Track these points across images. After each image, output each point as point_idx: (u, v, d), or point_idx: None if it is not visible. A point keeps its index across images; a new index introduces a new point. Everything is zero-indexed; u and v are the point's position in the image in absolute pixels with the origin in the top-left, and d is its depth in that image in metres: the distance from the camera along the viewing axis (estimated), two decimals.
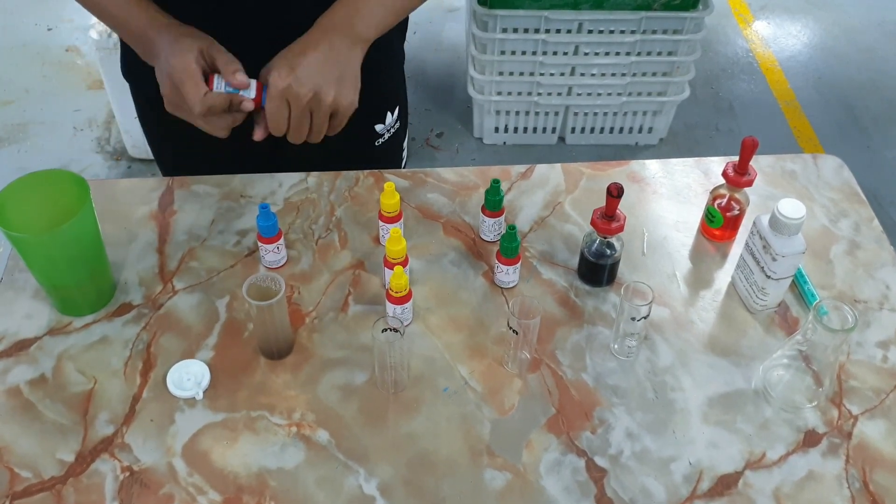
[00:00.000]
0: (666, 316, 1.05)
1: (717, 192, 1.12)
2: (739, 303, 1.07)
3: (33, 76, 2.81)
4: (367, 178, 1.22)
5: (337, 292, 1.07)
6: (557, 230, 1.16)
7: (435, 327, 1.03)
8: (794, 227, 0.98)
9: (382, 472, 0.90)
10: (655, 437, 0.93)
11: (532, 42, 2.34)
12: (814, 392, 0.97)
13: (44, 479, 0.89)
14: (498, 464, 0.91)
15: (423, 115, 2.77)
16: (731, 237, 1.15)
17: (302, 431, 0.93)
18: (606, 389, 0.98)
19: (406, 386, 0.97)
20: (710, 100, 2.87)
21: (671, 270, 1.11)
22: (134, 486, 0.89)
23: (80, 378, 0.98)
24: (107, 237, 1.04)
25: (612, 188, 0.99)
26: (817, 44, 3.14)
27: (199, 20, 1.02)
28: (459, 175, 1.24)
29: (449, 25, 3.15)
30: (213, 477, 0.89)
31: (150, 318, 1.04)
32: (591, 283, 1.08)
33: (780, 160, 1.27)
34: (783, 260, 0.99)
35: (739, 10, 3.29)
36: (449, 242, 1.14)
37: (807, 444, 0.94)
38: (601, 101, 2.48)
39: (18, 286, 1.07)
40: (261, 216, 1.03)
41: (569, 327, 1.04)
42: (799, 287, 1.08)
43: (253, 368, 0.99)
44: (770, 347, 1.02)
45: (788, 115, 2.82)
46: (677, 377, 0.99)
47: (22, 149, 2.60)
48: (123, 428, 0.93)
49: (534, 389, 0.98)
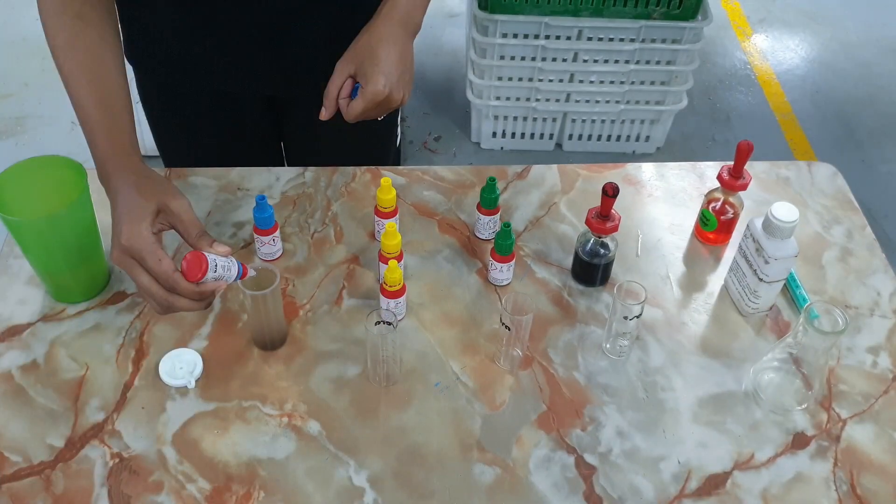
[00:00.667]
0: (658, 317, 1.06)
1: (711, 196, 1.13)
2: (732, 305, 1.08)
3: (32, 70, 2.81)
4: (364, 174, 1.22)
5: (331, 286, 1.07)
6: (552, 230, 1.16)
7: (428, 323, 1.04)
8: (787, 230, 0.98)
9: (372, 465, 0.90)
10: (645, 436, 0.94)
11: (531, 48, 2.35)
12: (803, 395, 0.97)
13: (33, 463, 0.89)
14: (488, 459, 0.91)
15: (421, 119, 2.77)
16: (725, 241, 1.15)
17: (293, 422, 0.93)
18: (598, 388, 0.98)
19: (398, 380, 0.98)
20: (707, 110, 2.88)
21: (665, 272, 1.12)
22: (123, 473, 0.88)
23: (72, 364, 0.98)
24: (103, 225, 1.04)
25: (607, 187, 0.99)
26: (815, 58, 3.16)
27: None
28: (456, 173, 1.24)
29: (449, 30, 3.16)
30: (203, 465, 0.89)
31: (144, 306, 1.04)
32: (584, 282, 1.09)
33: (775, 166, 1.28)
34: (776, 263, 0.99)
35: (738, 23, 3.31)
36: (444, 239, 1.14)
37: (795, 446, 0.94)
38: (599, 108, 2.49)
39: (13, 272, 1.07)
40: (257, 208, 1.04)
41: (561, 326, 1.04)
42: (791, 291, 1.09)
43: (246, 359, 0.99)
44: (761, 350, 1.02)
45: (785, 128, 2.83)
46: (668, 377, 0.99)
47: (20, 142, 2.60)
48: (114, 415, 0.93)
49: (525, 386, 0.98)
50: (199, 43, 1.14)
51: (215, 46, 1.14)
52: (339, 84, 1.02)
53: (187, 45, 1.14)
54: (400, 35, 1.02)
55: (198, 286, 0.87)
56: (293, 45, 1.14)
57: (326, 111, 1.03)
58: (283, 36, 1.12)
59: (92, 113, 0.94)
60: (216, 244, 0.89)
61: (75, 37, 0.95)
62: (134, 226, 0.86)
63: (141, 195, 0.89)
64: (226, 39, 1.13)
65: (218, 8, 1.08)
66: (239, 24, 1.11)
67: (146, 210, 0.88)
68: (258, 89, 1.23)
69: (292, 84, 1.20)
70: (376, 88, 0.99)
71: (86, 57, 0.96)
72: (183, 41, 1.14)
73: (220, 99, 1.23)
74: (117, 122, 0.95)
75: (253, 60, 1.16)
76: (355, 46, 1.02)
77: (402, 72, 1.02)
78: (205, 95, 1.22)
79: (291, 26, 1.11)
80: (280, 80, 1.20)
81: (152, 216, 0.88)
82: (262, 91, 1.23)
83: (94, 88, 0.95)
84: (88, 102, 0.94)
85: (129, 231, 0.86)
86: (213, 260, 0.87)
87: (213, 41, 1.13)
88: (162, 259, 0.85)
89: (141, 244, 0.85)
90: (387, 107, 1.02)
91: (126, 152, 0.94)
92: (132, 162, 0.93)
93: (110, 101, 0.96)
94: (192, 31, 1.13)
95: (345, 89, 1.02)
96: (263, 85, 1.21)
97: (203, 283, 0.87)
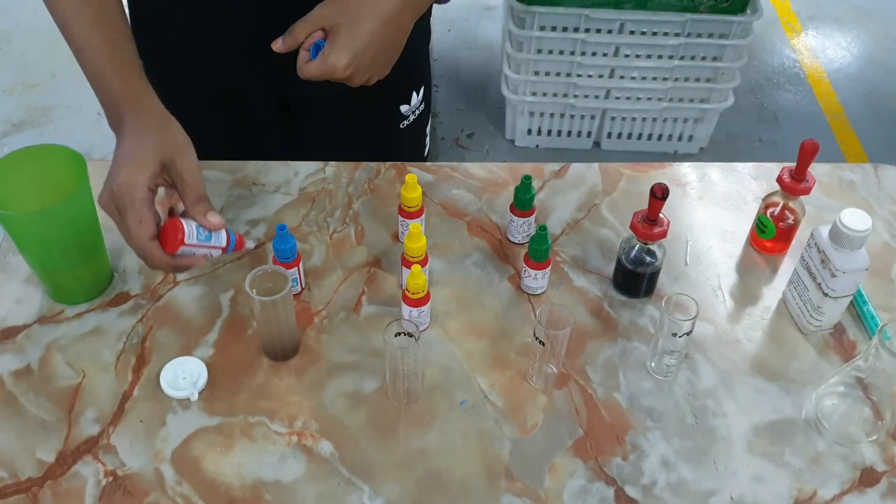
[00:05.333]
0: (709, 333, 0.96)
1: (769, 200, 1.03)
2: (791, 322, 0.98)
3: (60, 60, 2.77)
4: (389, 171, 1.14)
5: (350, 291, 0.99)
6: (592, 234, 1.07)
7: (454, 334, 0.95)
8: (857, 240, 0.88)
9: (389, 491, 0.82)
10: (694, 467, 0.84)
11: (570, 41, 2.25)
12: (873, 425, 0.87)
13: (20, 479, 0.82)
14: (517, 488, 0.82)
15: (454, 115, 2.69)
16: (784, 250, 1.05)
17: (303, 441, 0.85)
18: (641, 411, 0.89)
19: (419, 396, 0.89)
20: (753, 109, 2.76)
21: (716, 283, 1.02)
22: (116, 493, 0.81)
23: (68, 371, 0.91)
24: (107, 221, 0.96)
25: (655, 189, 0.90)
26: (868, 56, 3.02)
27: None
28: (488, 171, 1.15)
29: (485, 24, 3.08)
30: (204, 487, 0.82)
31: (148, 309, 0.96)
32: (627, 293, 0.99)
33: (838, 169, 1.17)
34: (844, 276, 0.89)
35: (787, 19, 3.18)
36: (473, 242, 1.05)
37: (864, 483, 0.84)
38: (640, 105, 2.38)
39: (11, 269, 1.00)
40: (277, 238, 0.93)
41: (601, 341, 0.95)
42: (857, 308, 0.98)
43: (254, 369, 0.91)
44: (824, 373, 0.92)
45: (835, 129, 2.70)
46: (720, 401, 0.90)
47: (45, 132, 2.57)
48: (110, 428, 0.86)
49: (560, 408, 0.89)
50: (209, 38, 1.06)
51: (225, 43, 1.06)
52: (308, 31, 0.93)
53: (197, 40, 1.07)
54: (396, 12, 0.92)
55: (174, 258, 0.82)
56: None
57: (283, 45, 0.94)
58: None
59: (99, 51, 0.87)
60: (211, 214, 0.84)
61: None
62: (132, 174, 0.80)
63: (151, 143, 0.83)
64: (236, 36, 1.05)
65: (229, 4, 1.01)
66: (250, 21, 1.03)
67: (150, 161, 0.82)
68: (270, 88, 1.14)
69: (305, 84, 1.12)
70: (337, 63, 0.90)
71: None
72: (192, 36, 1.07)
73: (230, 97, 1.15)
74: (128, 61, 0.88)
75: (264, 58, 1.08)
76: (346, 2, 0.92)
77: (379, 53, 0.93)
78: (214, 93, 1.14)
79: None
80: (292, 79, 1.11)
81: (155, 169, 0.82)
82: (274, 90, 1.15)
83: (98, 26, 0.88)
84: (93, 40, 0.87)
85: (125, 179, 0.80)
86: (194, 231, 0.82)
87: (223, 37, 1.06)
88: (143, 221, 0.80)
89: (129, 197, 0.80)
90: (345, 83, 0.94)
91: (143, 91, 0.88)
92: (150, 103, 0.88)
93: (118, 39, 0.89)
94: (202, 25, 1.05)
95: (310, 39, 0.93)
96: (275, 84, 1.12)
97: (180, 254, 0.82)
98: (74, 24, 0.88)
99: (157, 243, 0.82)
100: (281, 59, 0.97)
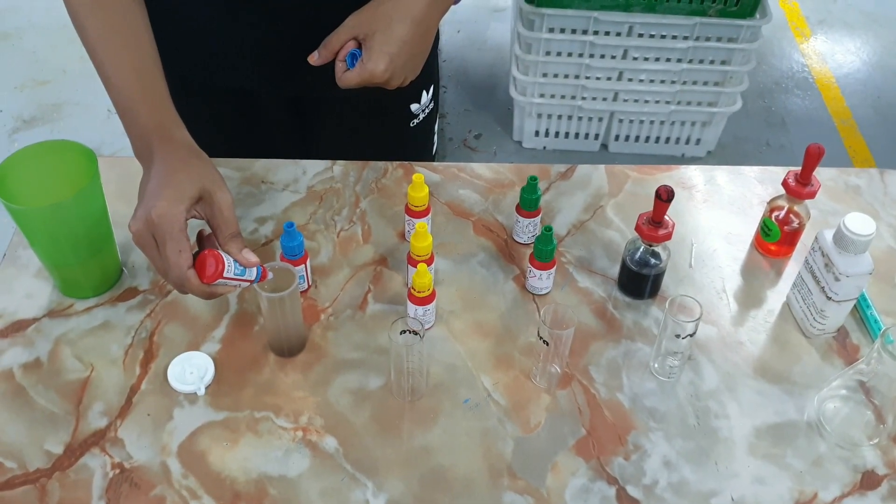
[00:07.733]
0: (712, 335, 0.97)
1: (774, 204, 1.03)
2: (794, 325, 0.98)
3: (71, 57, 2.78)
4: (397, 170, 1.15)
5: (356, 288, 1.00)
6: (597, 236, 1.07)
7: (459, 332, 0.96)
8: (861, 244, 0.88)
9: (392, 488, 0.82)
10: (695, 468, 0.85)
11: (579, 43, 2.25)
12: (874, 428, 0.87)
13: (28, 470, 0.83)
14: (519, 486, 0.83)
15: (461, 116, 2.69)
16: (788, 253, 1.05)
17: (308, 437, 0.86)
18: (643, 412, 0.89)
19: (424, 394, 0.90)
20: (761, 114, 2.75)
21: (720, 286, 1.02)
22: (123, 486, 0.82)
23: (76, 364, 0.91)
24: (118, 217, 0.98)
25: (661, 191, 0.90)
26: (877, 61, 3.01)
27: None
28: (494, 171, 1.16)
29: (494, 25, 3.08)
30: (209, 480, 0.82)
31: (156, 305, 0.97)
32: (631, 294, 1.00)
33: (844, 173, 1.17)
34: (847, 280, 0.90)
35: (796, 24, 3.17)
36: (479, 242, 1.06)
37: (865, 486, 0.84)
38: (648, 108, 2.38)
39: (21, 263, 1.01)
40: (285, 235, 0.93)
41: (605, 341, 0.95)
42: (861, 312, 0.99)
43: (261, 365, 0.92)
44: (826, 376, 0.93)
45: (844, 134, 2.69)
46: (722, 403, 0.90)
47: (55, 129, 2.58)
48: (118, 421, 0.87)
49: (563, 407, 0.89)
50: (221, 40, 1.07)
51: (237, 44, 1.07)
52: (343, 41, 0.94)
53: (209, 41, 1.07)
54: (425, 13, 0.94)
55: (209, 287, 0.81)
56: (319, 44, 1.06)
57: (319, 58, 0.95)
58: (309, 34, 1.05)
59: (128, 80, 0.86)
60: (246, 251, 0.83)
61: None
62: (171, 204, 0.79)
63: (186, 175, 0.82)
64: (248, 37, 1.06)
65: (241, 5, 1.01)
66: (262, 23, 1.03)
67: (188, 192, 0.81)
68: (281, 89, 1.15)
69: (317, 86, 1.12)
70: (376, 69, 0.91)
71: (114, 17, 0.88)
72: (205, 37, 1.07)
73: (241, 97, 1.15)
74: (158, 91, 0.88)
75: (276, 59, 1.08)
76: (376, 10, 0.93)
77: (413, 55, 0.94)
78: (225, 93, 1.15)
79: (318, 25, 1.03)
80: (305, 81, 1.12)
81: (192, 201, 0.81)
82: (285, 91, 1.16)
83: (128, 53, 0.87)
84: (123, 69, 0.86)
85: (164, 209, 0.79)
86: (231, 264, 0.81)
87: (235, 39, 1.06)
88: (182, 251, 0.79)
89: (169, 227, 0.79)
90: (382, 87, 0.96)
91: (174, 123, 0.87)
92: (181, 135, 0.87)
93: (148, 67, 0.88)
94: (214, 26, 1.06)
95: (345, 50, 0.94)
96: (287, 85, 1.13)
97: (215, 285, 0.81)
98: (105, 52, 0.87)
99: (195, 272, 0.81)
100: (292, 61, 0.98)
